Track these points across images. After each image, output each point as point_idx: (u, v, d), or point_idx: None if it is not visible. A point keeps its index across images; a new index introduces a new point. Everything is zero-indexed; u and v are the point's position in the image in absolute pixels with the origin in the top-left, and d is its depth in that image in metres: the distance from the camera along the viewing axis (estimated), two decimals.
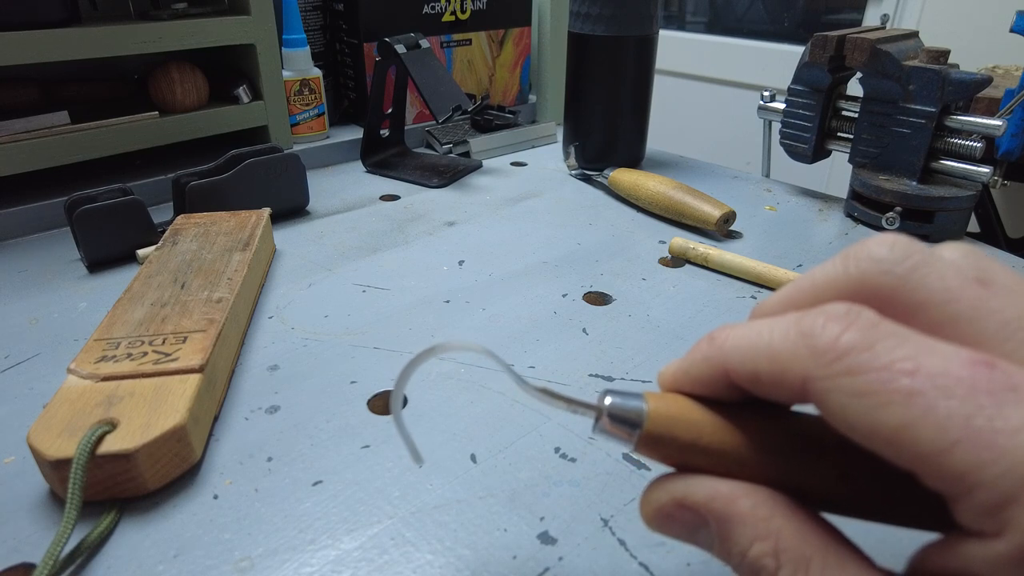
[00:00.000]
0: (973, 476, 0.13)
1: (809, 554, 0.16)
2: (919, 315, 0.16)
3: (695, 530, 0.18)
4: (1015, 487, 0.13)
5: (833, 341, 0.15)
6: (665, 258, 0.50)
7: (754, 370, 0.17)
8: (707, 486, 0.18)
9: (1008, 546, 0.13)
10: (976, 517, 0.14)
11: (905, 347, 0.15)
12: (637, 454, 0.19)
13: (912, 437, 0.14)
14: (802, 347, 0.16)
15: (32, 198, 0.54)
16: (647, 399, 0.19)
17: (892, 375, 0.14)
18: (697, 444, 0.18)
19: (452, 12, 0.75)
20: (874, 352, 0.15)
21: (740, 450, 0.18)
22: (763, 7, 1.93)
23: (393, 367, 0.37)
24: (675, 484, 0.18)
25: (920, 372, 0.14)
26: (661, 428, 0.18)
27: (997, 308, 0.15)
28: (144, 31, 0.55)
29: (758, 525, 0.16)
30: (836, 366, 0.15)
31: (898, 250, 0.16)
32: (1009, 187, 1.10)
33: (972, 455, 0.13)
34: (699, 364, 0.19)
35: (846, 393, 0.15)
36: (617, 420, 0.18)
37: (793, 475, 0.17)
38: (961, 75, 0.48)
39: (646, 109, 0.67)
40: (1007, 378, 0.14)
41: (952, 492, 0.14)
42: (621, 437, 0.19)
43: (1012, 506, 0.13)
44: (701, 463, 0.18)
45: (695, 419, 0.18)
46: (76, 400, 0.29)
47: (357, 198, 0.61)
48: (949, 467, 0.14)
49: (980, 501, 0.13)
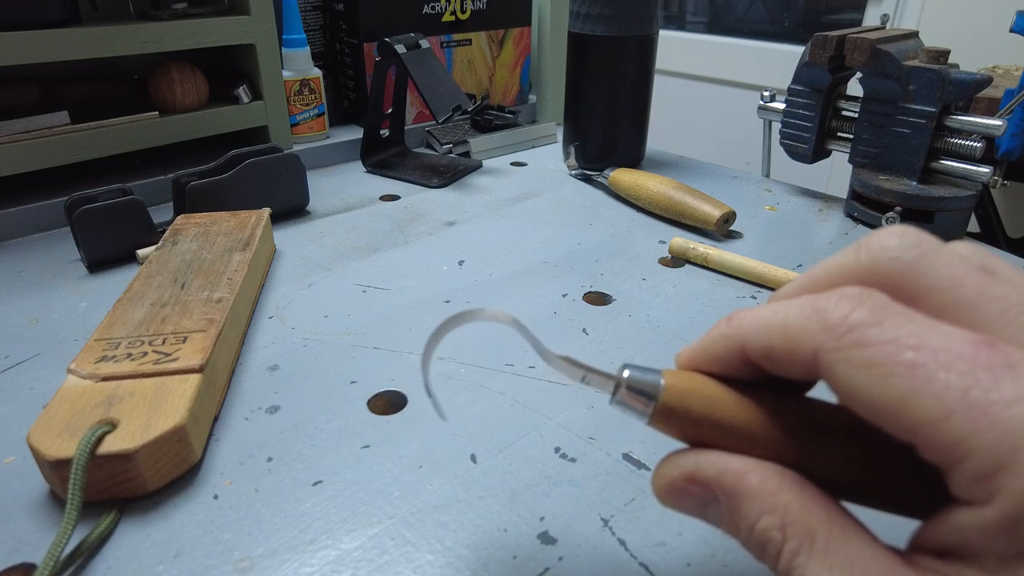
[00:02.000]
0: (967, 444, 0.14)
1: (815, 528, 0.16)
2: (926, 299, 0.16)
3: (705, 505, 0.19)
4: (1005, 455, 0.13)
5: (844, 317, 0.16)
6: (665, 258, 0.50)
7: (769, 345, 0.18)
8: (718, 461, 0.18)
9: (996, 512, 0.14)
10: (968, 485, 0.14)
11: (911, 325, 0.15)
12: (652, 426, 0.19)
13: (912, 406, 0.14)
14: (815, 322, 0.16)
15: (32, 198, 0.54)
16: (663, 374, 0.19)
17: (897, 348, 0.15)
18: (710, 418, 0.19)
19: (452, 12, 0.75)
20: (882, 328, 0.15)
21: (752, 426, 0.18)
22: (763, 7, 1.93)
23: (393, 367, 0.37)
24: (687, 459, 0.19)
25: (923, 347, 0.15)
26: (676, 401, 0.19)
27: (1000, 295, 0.16)
28: (144, 31, 0.55)
29: (766, 499, 0.17)
30: (845, 339, 0.16)
31: (908, 239, 0.17)
32: (1009, 187, 1.10)
33: (967, 424, 0.14)
34: (717, 341, 0.19)
35: (853, 364, 0.15)
36: (634, 391, 0.19)
37: (801, 454, 0.18)
38: (961, 75, 0.48)
39: (646, 109, 0.67)
40: (1005, 356, 0.14)
41: (947, 461, 0.14)
42: (637, 408, 0.19)
43: (1002, 473, 0.13)
44: (713, 438, 0.19)
45: (709, 394, 0.19)
46: (76, 400, 0.29)
47: (357, 198, 0.61)
48: (945, 435, 0.14)
49: (972, 468, 0.14)
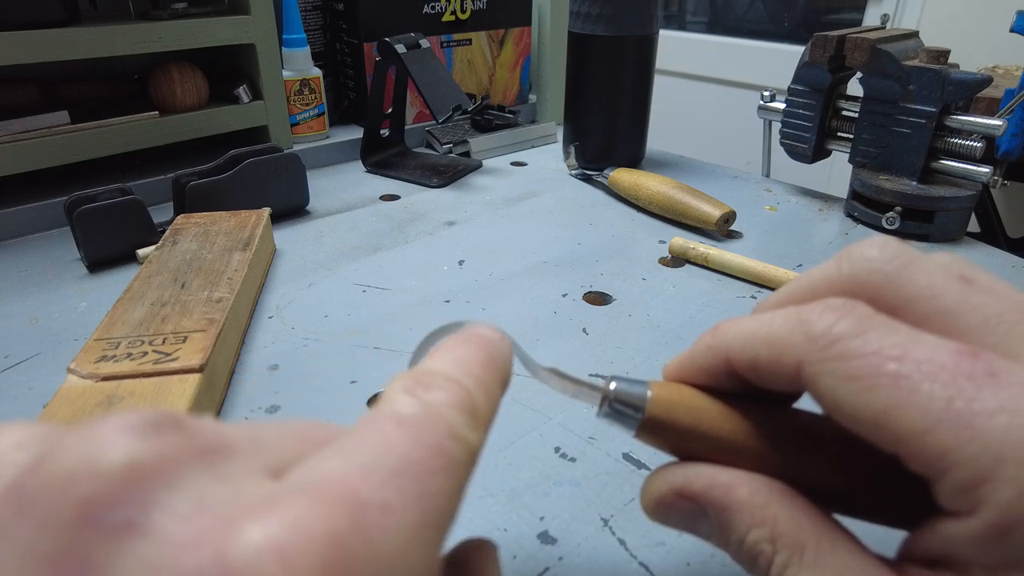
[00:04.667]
0: (952, 455, 0.14)
1: (804, 539, 0.16)
2: (907, 310, 0.17)
3: (694, 519, 0.18)
4: (989, 466, 0.13)
5: (828, 328, 0.16)
6: (665, 258, 0.50)
7: (754, 356, 0.17)
8: (706, 474, 0.18)
9: (981, 523, 0.14)
10: (953, 496, 0.14)
11: (894, 336, 0.15)
12: (639, 439, 0.19)
13: (896, 417, 0.14)
14: (799, 333, 0.16)
15: (32, 198, 0.54)
16: (651, 386, 0.19)
17: (881, 360, 0.15)
18: (697, 430, 0.18)
19: (452, 12, 0.75)
20: (865, 339, 0.15)
21: (739, 437, 0.18)
22: (763, 7, 1.93)
23: (394, 367, 0.37)
24: (674, 474, 0.19)
25: (907, 358, 0.15)
26: (663, 412, 0.19)
27: (980, 304, 0.16)
28: (144, 31, 0.55)
29: (755, 512, 0.17)
30: (829, 350, 0.16)
31: (888, 250, 0.17)
32: (1009, 187, 1.10)
33: (951, 435, 0.14)
34: (703, 353, 0.19)
35: (837, 376, 0.15)
36: (621, 404, 0.19)
37: (789, 465, 0.18)
38: (961, 75, 0.48)
39: (646, 109, 0.67)
40: (988, 365, 0.14)
41: (932, 472, 0.14)
42: (624, 421, 0.19)
43: (986, 484, 0.13)
44: (701, 450, 0.19)
45: (696, 405, 0.19)
46: (76, 400, 0.29)
47: (357, 198, 0.61)
48: (930, 446, 0.14)
49: (957, 479, 0.14)
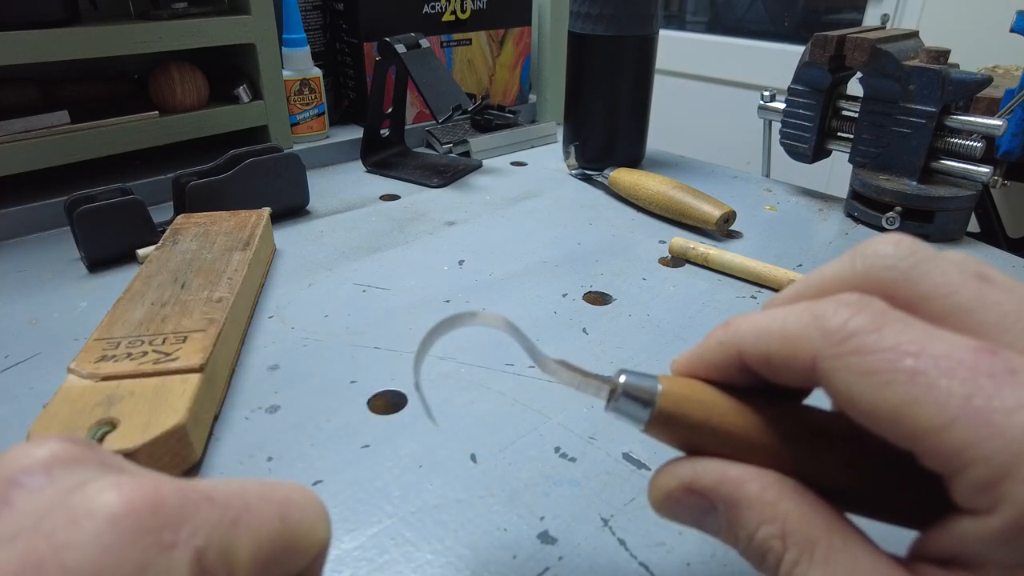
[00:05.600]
0: (969, 452, 0.14)
1: (815, 536, 0.16)
2: (922, 307, 0.16)
3: (702, 515, 0.18)
4: (1009, 463, 0.13)
5: (843, 323, 0.16)
6: (665, 258, 0.50)
7: (766, 351, 0.17)
8: (716, 470, 0.18)
9: (1000, 521, 0.14)
10: (971, 494, 0.14)
11: (911, 332, 0.15)
12: (648, 433, 0.19)
13: (913, 414, 0.14)
14: (813, 328, 0.16)
15: (32, 198, 0.54)
16: (661, 379, 0.19)
17: (897, 355, 0.15)
18: (707, 424, 0.18)
19: (452, 12, 0.75)
20: (882, 334, 0.15)
21: (750, 433, 0.18)
22: (763, 7, 1.93)
23: (393, 367, 0.37)
24: (683, 468, 0.19)
25: (924, 354, 0.15)
26: (673, 406, 0.18)
27: (996, 301, 0.16)
28: (144, 31, 0.55)
29: (765, 508, 0.17)
30: (845, 346, 0.15)
31: (903, 247, 0.17)
32: (1009, 187, 1.10)
33: (969, 432, 0.14)
34: (713, 348, 0.19)
35: (853, 372, 0.15)
36: (630, 397, 0.19)
37: (800, 461, 0.18)
38: (961, 75, 0.48)
39: (646, 109, 0.67)
40: (1007, 363, 0.14)
41: (949, 469, 0.14)
42: (633, 415, 0.19)
43: (1005, 482, 0.13)
44: (710, 445, 0.18)
45: (707, 400, 0.19)
46: (76, 400, 0.29)
47: (357, 198, 0.61)
48: (947, 443, 0.14)
49: (975, 477, 0.14)
